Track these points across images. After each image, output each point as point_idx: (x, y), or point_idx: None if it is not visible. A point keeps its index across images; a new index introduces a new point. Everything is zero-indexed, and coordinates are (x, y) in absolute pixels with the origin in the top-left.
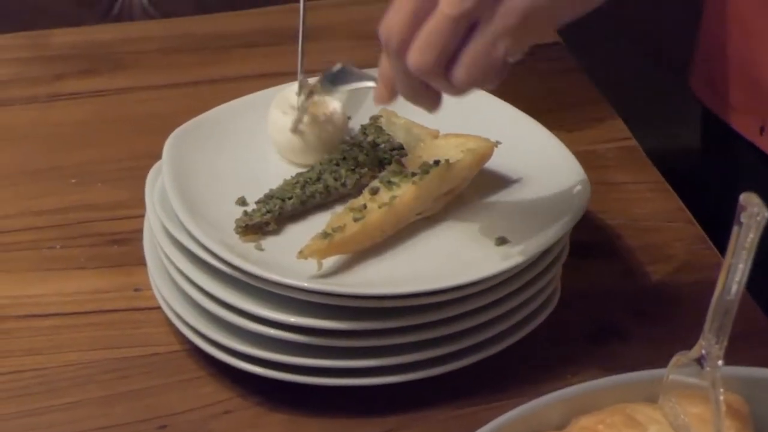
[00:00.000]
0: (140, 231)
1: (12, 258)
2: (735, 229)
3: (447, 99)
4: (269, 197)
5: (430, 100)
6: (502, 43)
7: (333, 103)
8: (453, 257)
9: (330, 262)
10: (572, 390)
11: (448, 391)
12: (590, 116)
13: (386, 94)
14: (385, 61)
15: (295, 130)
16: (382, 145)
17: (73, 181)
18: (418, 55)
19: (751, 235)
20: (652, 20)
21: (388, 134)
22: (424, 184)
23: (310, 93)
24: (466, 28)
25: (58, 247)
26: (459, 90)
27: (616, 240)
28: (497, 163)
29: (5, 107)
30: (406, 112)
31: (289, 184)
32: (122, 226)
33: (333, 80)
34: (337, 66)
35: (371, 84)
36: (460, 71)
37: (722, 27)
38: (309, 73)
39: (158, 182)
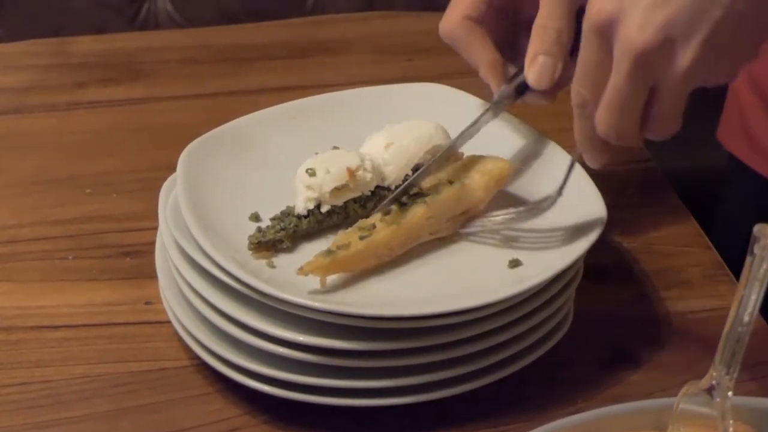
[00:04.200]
0: (153, 243)
1: (24, 268)
2: (748, 260)
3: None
4: (285, 214)
5: (606, 154)
6: (684, 94)
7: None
8: (465, 279)
9: (340, 281)
10: (580, 417)
11: (457, 414)
12: None
13: None
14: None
15: None
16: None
17: (89, 191)
18: (605, 117)
19: (765, 266)
20: None
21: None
22: (435, 204)
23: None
24: (646, 87)
25: (70, 258)
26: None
27: (632, 264)
28: (513, 184)
29: (25, 114)
30: None
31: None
32: (135, 238)
33: None
34: None
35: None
36: (655, 133)
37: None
38: (329, 87)
39: (172, 195)
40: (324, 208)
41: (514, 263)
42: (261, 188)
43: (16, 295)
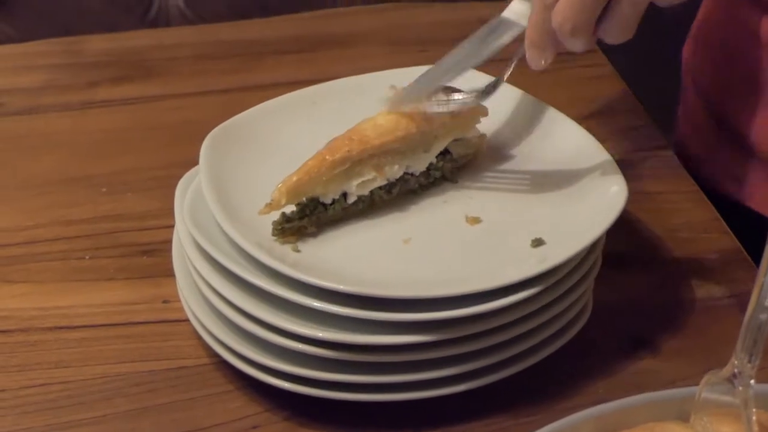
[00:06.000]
0: (170, 242)
1: (42, 269)
2: (767, 247)
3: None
4: (311, 200)
5: (550, 53)
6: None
7: None
8: (488, 259)
9: (363, 264)
10: (603, 408)
11: (478, 407)
12: (626, 124)
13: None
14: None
15: None
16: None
17: (104, 190)
18: (564, 8)
19: None
20: None
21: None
22: (392, 117)
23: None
24: None
25: (87, 257)
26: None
27: (651, 251)
28: (520, 152)
29: (38, 114)
30: None
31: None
32: (152, 236)
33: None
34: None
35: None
36: (609, 35)
37: None
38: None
39: (188, 193)
40: (350, 199)
41: (537, 242)
42: (282, 174)
43: (34, 295)
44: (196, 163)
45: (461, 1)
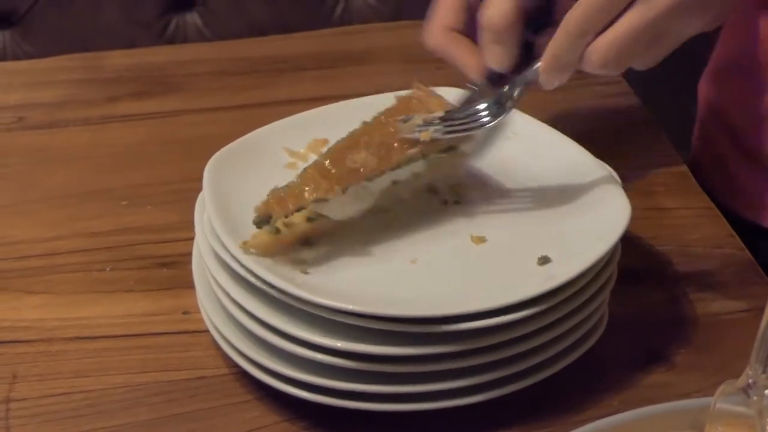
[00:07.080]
0: (189, 254)
1: (62, 280)
2: None
3: None
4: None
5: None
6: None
7: None
8: (494, 277)
9: (372, 283)
10: (617, 418)
11: (491, 419)
12: (641, 139)
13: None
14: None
15: None
16: None
17: (124, 203)
18: (607, 51)
19: None
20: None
21: None
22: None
23: None
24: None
25: (107, 269)
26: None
27: (666, 266)
28: (536, 183)
29: (59, 128)
30: None
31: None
32: (172, 248)
33: None
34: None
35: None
36: (649, 60)
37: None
38: (360, 96)
39: None
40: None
41: (543, 260)
42: None
43: (56, 306)
44: None
45: None
